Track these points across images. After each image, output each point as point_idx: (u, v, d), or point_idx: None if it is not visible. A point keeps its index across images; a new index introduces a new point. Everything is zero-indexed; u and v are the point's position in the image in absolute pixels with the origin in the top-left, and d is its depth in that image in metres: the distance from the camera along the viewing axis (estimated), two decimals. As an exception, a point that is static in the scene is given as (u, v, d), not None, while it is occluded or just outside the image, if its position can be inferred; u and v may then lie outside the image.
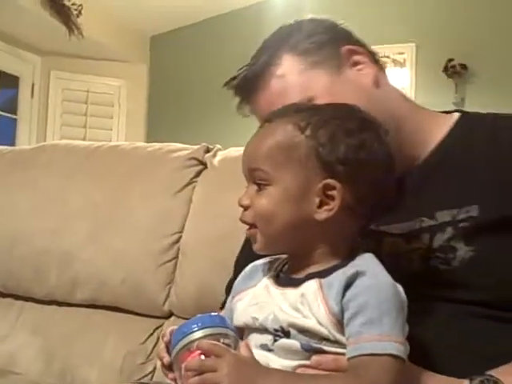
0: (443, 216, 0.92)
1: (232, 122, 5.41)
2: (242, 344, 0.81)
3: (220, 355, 0.75)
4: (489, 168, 0.94)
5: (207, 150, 1.68)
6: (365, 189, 0.80)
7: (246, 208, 0.84)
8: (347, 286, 0.76)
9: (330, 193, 0.80)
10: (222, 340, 0.79)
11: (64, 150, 1.82)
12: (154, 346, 1.54)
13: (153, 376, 1.52)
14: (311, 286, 0.79)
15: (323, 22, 1.06)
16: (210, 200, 1.58)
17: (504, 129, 0.98)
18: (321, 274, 0.80)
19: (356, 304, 0.74)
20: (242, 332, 0.86)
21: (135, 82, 6.00)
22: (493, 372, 0.82)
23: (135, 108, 5.99)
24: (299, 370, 0.77)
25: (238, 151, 1.69)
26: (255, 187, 0.83)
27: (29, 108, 5.55)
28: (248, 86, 1.01)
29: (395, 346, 0.73)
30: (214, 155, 1.65)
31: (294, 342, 0.78)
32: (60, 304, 1.66)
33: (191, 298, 1.53)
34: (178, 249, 1.57)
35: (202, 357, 0.76)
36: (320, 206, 0.80)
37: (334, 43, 1.02)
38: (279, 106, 0.91)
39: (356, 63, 1.02)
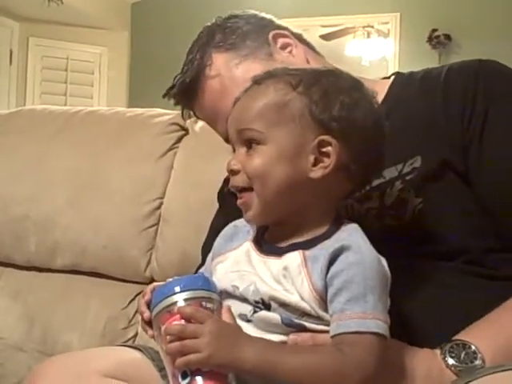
0: (390, 172, 0.93)
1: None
2: (224, 309, 0.79)
3: (202, 321, 0.73)
4: (425, 118, 0.96)
5: (189, 116, 1.66)
6: (359, 147, 0.79)
7: (235, 172, 0.81)
8: (332, 261, 0.74)
9: (324, 150, 0.78)
10: (204, 304, 0.77)
11: (42, 115, 1.79)
12: (136, 312, 1.54)
13: (134, 341, 1.52)
14: (295, 258, 0.77)
15: (242, 15, 1.08)
16: (192, 166, 1.57)
17: (431, 78, 1.01)
18: (305, 245, 0.78)
19: (340, 280, 0.73)
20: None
21: (116, 49, 5.92)
22: (461, 335, 0.82)
23: (116, 76, 5.93)
24: None
25: (219, 117, 1.68)
26: (244, 149, 0.80)
27: (7, 76, 5.47)
28: (187, 92, 1.04)
29: (379, 324, 0.72)
30: (196, 121, 1.64)
31: (274, 316, 0.76)
32: (40, 270, 1.65)
33: (173, 263, 1.53)
34: (160, 215, 1.57)
35: (183, 322, 0.75)
36: (315, 164, 0.78)
37: (258, 32, 1.05)
38: (223, 105, 0.96)
39: (284, 46, 1.05)
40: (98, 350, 1.04)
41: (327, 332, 0.75)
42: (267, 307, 0.77)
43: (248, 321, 0.79)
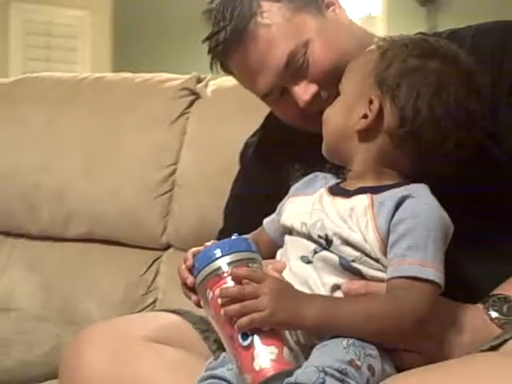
0: None
1: (200, 51, 5.34)
2: (270, 268, 0.81)
3: (259, 281, 0.74)
4: None
5: (199, 80, 1.64)
6: (417, 124, 0.80)
7: None
8: (397, 207, 0.76)
9: (371, 106, 0.82)
10: (250, 265, 0.77)
11: (47, 82, 1.77)
12: (154, 278, 1.55)
13: (154, 307, 1.53)
14: (362, 200, 0.79)
15: None
16: (205, 131, 1.56)
17: (458, 40, 0.97)
18: (374, 190, 0.81)
19: (404, 227, 0.75)
20: (274, 245, 0.88)
21: (99, 12, 5.80)
22: (500, 289, 0.84)
23: (100, 40, 5.82)
24: (336, 294, 0.78)
25: (229, 81, 1.66)
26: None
27: (-12, 41, 5.35)
28: (233, 40, 0.97)
29: (436, 273, 0.74)
30: (206, 85, 1.62)
31: (333, 257, 0.78)
32: (55, 239, 1.64)
33: (190, 229, 1.53)
34: (174, 181, 1.56)
35: (233, 284, 0.75)
36: (362, 118, 0.83)
37: None
38: (271, 56, 0.95)
39: (329, 4, 1.03)
40: (139, 315, 1.05)
41: (381, 280, 0.76)
42: (329, 244, 0.78)
43: (308, 262, 0.80)
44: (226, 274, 0.76)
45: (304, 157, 1.06)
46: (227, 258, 0.76)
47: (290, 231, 0.84)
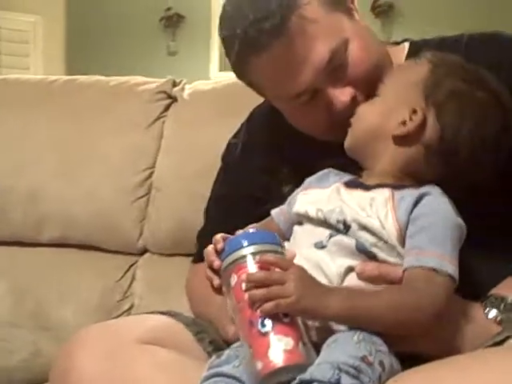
0: None
1: (154, 54, 5.31)
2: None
3: (286, 268, 0.75)
4: None
5: (174, 84, 1.64)
6: (452, 140, 0.83)
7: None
8: (416, 202, 0.79)
9: (414, 116, 0.84)
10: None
11: (16, 85, 1.73)
12: (131, 284, 1.53)
13: (130, 313, 1.51)
14: (383, 192, 0.82)
15: None
16: (182, 134, 1.56)
17: (448, 47, 1.00)
18: (394, 186, 0.83)
19: (424, 221, 0.78)
20: (282, 236, 0.87)
21: (51, 17, 5.70)
22: (497, 289, 0.87)
23: (52, 45, 5.72)
24: (349, 277, 0.80)
25: (206, 84, 1.67)
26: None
27: None
28: (276, 32, 0.89)
29: (454, 268, 0.76)
30: (183, 89, 1.62)
31: (349, 240, 0.80)
32: (27, 244, 1.60)
33: (167, 233, 1.52)
34: (151, 184, 1.55)
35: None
36: (400, 124, 0.85)
37: None
38: (314, 51, 0.90)
39: (352, 9, 0.99)
40: (133, 318, 1.04)
41: (394, 265, 0.79)
42: (347, 229, 0.80)
43: (322, 247, 0.82)
44: (252, 261, 0.77)
45: (292, 161, 1.07)
46: (256, 247, 0.78)
47: (302, 219, 0.86)
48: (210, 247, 0.85)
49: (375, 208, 0.81)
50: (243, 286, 0.75)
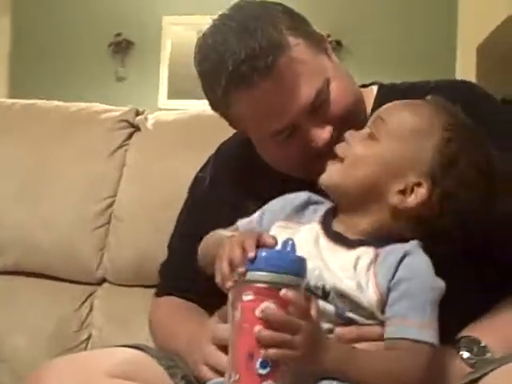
0: None
1: (102, 80, 5.26)
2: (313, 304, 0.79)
3: (304, 318, 0.74)
4: None
5: (137, 113, 1.64)
6: (447, 221, 0.83)
7: (337, 157, 0.88)
8: (398, 264, 0.80)
9: (416, 189, 0.83)
10: (303, 294, 0.76)
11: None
12: (89, 314, 1.50)
13: (88, 344, 1.48)
14: (368, 253, 0.82)
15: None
16: (145, 164, 1.55)
17: (416, 93, 1.00)
18: (376, 243, 0.83)
19: (405, 287, 0.79)
20: None
21: (-5, 37, 5.59)
22: (468, 331, 0.90)
23: (-4, 64, 5.60)
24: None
25: (169, 115, 1.67)
26: (368, 130, 0.88)
27: None
28: (263, 71, 0.91)
29: (433, 334, 0.79)
30: (146, 118, 1.62)
31: (330, 306, 0.80)
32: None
33: (127, 262, 1.50)
34: (112, 213, 1.53)
35: (272, 304, 0.73)
36: (399, 192, 0.83)
37: (313, 28, 1.02)
38: (300, 91, 0.93)
39: (327, 49, 1.03)
40: (101, 351, 1.01)
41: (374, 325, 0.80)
42: (325, 295, 0.80)
43: None
44: (278, 292, 0.73)
45: (259, 197, 1.07)
46: (290, 279, 0.75)
47: None
48: (239, 249, 0.77)
49: (358, 271, 0.81)
50: (257, 312, 0.73)
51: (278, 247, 0.78)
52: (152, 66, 4.95)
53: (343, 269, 0.81)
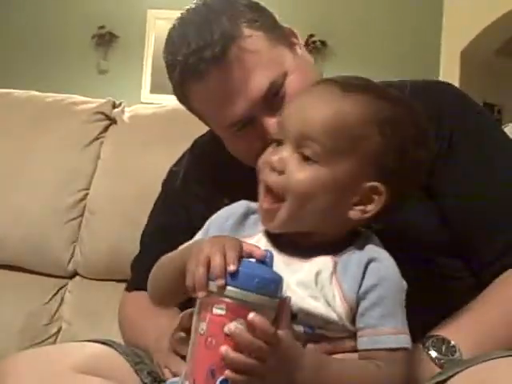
0: None
1: (84, 72, 5.20)
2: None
3: (275, 344, 0.70)
4: None
5: (114, 105, 1.62)
6: (395, 200, 0.80)
7: (275, 171, 0.78)
8: (363, 272, 0.77)
9: (373, 196, 0.78)
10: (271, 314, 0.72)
11: None
12: (59, 307, 1.49)
13: (57, 337, 1.46)
14: (325, 263, 0.78)
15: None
16: (120, 157, 1.54)
17: None
18: (333, 250, 0.79)
19: (374, 296, 0.76)
20: None
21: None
22: (438, 330, 0.88)
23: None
24: None
25: (146, 108, 1.66)
26: (297, 156, 0.77)
27: None
28: (214, 61, 0.91)
29: (407, 338, 0.77)
30: (122, 111, 1.60)
31: (297, 327, 0.77)
32: None
33: (100, 256, 1.49)
34: (85, 206, 1.51)
35: (239, 325, 0.69)
36: (357, 204, 0.78)
37: (277, 23, 1.02)
38: (249, 83, 0.91)
39: (294, 42, 1.03)
40: (69, 345, 1.00)
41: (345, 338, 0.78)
42: (293, 317, 0.76)
43: None
44: (249, 313, 0.69)
45: (232, 192, 1.06)
46: (265, 299, 0.70)
47: None
48: (220, 258, 0.71)
49: (320, 286, 0.76)
50: (226, 329, 0.69)
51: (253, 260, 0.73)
52: (135, 59, 4.93)
53: (305, 286, 0.77)
